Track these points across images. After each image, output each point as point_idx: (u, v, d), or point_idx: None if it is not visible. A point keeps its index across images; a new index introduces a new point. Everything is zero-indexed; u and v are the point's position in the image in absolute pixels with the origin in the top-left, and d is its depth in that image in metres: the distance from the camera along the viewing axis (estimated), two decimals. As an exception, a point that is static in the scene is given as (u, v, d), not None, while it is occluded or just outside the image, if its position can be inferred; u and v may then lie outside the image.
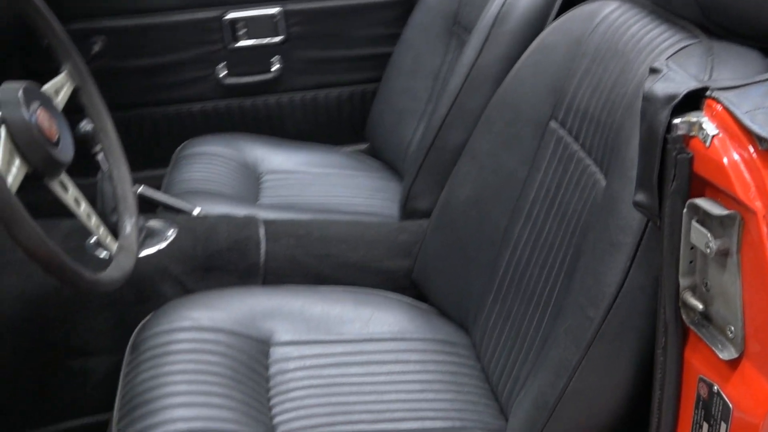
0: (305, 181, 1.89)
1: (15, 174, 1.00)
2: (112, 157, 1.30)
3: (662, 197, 0.77)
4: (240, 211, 1.58)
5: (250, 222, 1.47)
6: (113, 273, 1.13)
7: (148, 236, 1.43)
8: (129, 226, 1.25)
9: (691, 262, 0.77)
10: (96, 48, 1.96)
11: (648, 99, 0.77)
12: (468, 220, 1.30)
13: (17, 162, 1.01)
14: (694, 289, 0.78)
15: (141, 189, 1.51)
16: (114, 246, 1.21)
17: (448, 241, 1.35)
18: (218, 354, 1.21)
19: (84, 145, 1.28)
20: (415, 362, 1.28)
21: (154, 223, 1.46)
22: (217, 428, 1.07)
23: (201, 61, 2.08)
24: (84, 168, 1.26)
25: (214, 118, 2.11)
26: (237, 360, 1.22)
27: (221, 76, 2.09)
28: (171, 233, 1.45)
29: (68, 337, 1.37)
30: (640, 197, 0.80)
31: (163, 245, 1.42)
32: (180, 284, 1.39)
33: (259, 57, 2.11)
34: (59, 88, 1.20)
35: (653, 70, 0.81)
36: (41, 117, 1.05)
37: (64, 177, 1.12)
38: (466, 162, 1.33)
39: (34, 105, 1.05)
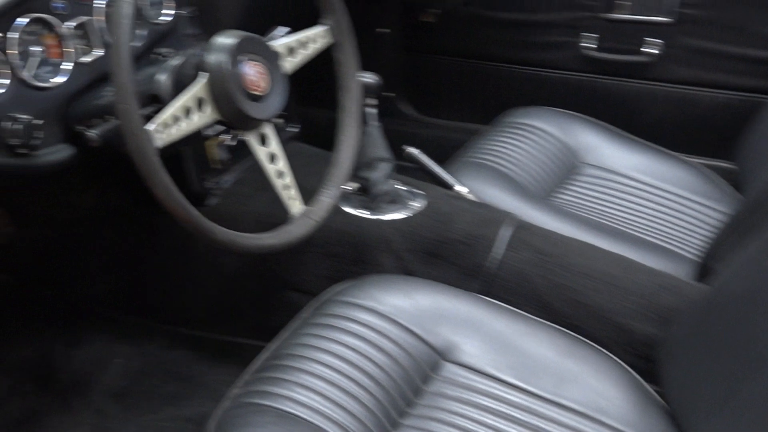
0: (625, 189, 1.61)
1: (202, 119, 1.03)
2: (348, 120, 1.24)
3: None
4: (513, 203, 1.41)
5: (495, 219, 1.29)
6: (270, 240, 1.09)
7: (392, 201, 1.35)
8: (327, 196, 1.19)
9: None
10: None
11: None
12: (746, 320, 0.94)
13: (208, 110, 1.03)
14: None
15: (412, 150, 1.44)
16: (296, 210, 1.16)
17: (711, 334, 1.01)
18: (381, 350, 1.09)
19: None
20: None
21: (403, 190, 1.37)
22: (334, 418, 1.00)
23: (568, 27, 1.87)
24: None
25: (561, 89, 1.91)
26: (399, 362, 1.09)
27: (586, 46, 1.86)
28: (415, 205, 1.35)
29: (290, 273, 1.38)
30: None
31: (398, 215, 1.32)
32: (399, 260, 1.29)
33: (635, 35, 1.83)
34: (307, 41, 1.17)
35: None
36: (248, 69, 1.04)
37: (268, 130, 1.10)
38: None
39: (245, 56, 1.04)
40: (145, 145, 0.97)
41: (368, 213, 1.37)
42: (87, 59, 1.22)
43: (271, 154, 1.12)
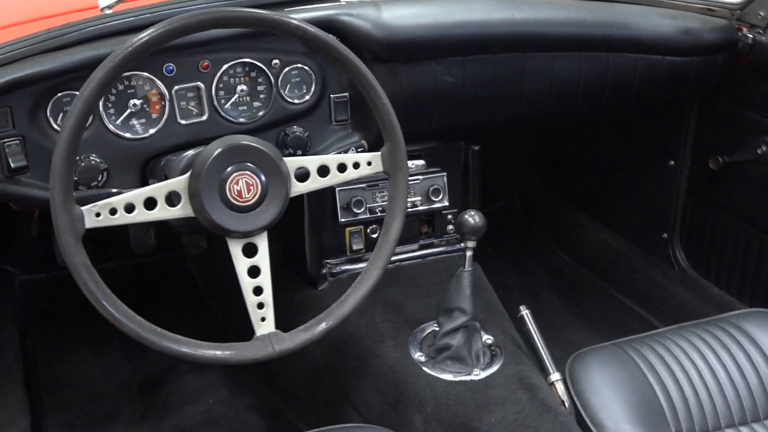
0: None
1: (169, 213, 1.08)
2: (374, 261, 1.21)
3: None
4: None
5: None
6: (215, 351, 1.08)
7: (457, 358, 1.38)
8: (305, 331, 1.15)
9: None
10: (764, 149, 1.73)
11: None
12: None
13: (181, 205, 1.08)
14: None
15: (525, 313, 1.41)
16: (261, 332, 1.13)
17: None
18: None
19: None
20: None
21: (480, 347, 1.40)
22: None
23: None
24: None
25: None
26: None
27: None
28: (475, 373, 1.37)
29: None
30: None
31: (447, 376, 1.37)
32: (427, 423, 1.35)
33: None
34: (362, 161, 1.19)
35: None
36: (235, 178, 1.08)
37: (258, 242, 1.12)
38: None
39: (236, 165, 1.09)
40: (64, 223, 0.99)
41: (423, 358, 1.40)
42: (185, 121, 1.30)
43: (253, 267, 1.12)
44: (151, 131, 1.29)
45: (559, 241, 2.49)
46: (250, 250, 1.13)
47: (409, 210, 1.70)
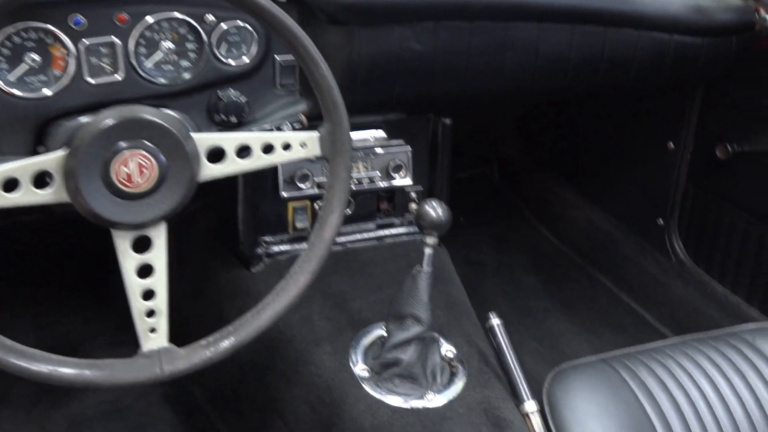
0: None
1: (34, 197, 0.90)
2: (301, 264, 1.04)
3: None
4: None
5: None
6: (86, 369, 0.92)
7: (408, 376, 1.18)
8: (206, 348, 0.97)
9: None
10: None
11: None
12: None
13: (54, 188, 0.91)
14: None
15: (494, 322, 1.18)
16: (148, 347, 0.96)
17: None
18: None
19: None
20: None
21: (439, 364, 1.19)
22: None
23: None
24: None
25: None
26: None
27: None
28: (428, 397, 1.17)
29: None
30: None
31: (396, 400, 1.17)
32: None
33: None
34: (293, 142, 1.01)
35: None
36: (125, 159, 0.90)
37: (152, 234, 0.94)
38: None
39: (129, 143, 0.91)
40: None
41: (366, 373, 1.21)
42: (95, 80, 1.12)
43: (144, 266, 0.94)
44: (50, 90, 1.09)
45: (540, 217, 2.30)
46: (141, 245, 0.95)
47: (366, 187, 1.51)
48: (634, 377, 1.13)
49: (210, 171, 0.98)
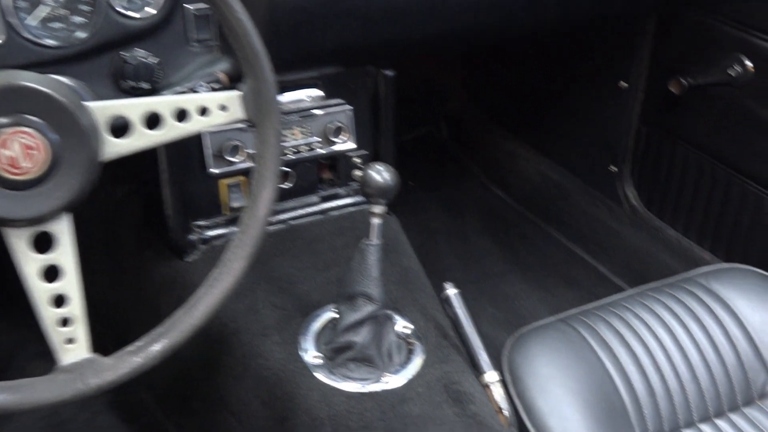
0: None
1: None
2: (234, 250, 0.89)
3: None
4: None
5: None
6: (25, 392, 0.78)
7: (364, 359, 1.07)
8: (136, 354, 0.83)
9: None
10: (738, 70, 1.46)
11: None
12: None
13: None
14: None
15: (450, 292, 1.10)
16: (68, 360, 0.81)
17: None
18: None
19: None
20: None
21: (395, 343, 1.09)
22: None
23: None
24: None
25: None
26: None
27: None
28: (387, 377, 1.07)
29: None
30: None
31: (354, 386, 1.06)
32: None
33: None
34: (211, 105, 0.85)
35: None
36: (4, 140, 0.73)
37: (53, 229, 0.78)
38: None
39: (9, 118, 0.73)
40: None
41: (322, 361, 1.09)
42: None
43: (49, 268, 0.78)
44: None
45: (491, 174, 2.20)
46: (42, 243, 0.78)
47: (305, 155, 1.36)
48: (594, 334, 1.13)
49: (115, 147, 0.80)
